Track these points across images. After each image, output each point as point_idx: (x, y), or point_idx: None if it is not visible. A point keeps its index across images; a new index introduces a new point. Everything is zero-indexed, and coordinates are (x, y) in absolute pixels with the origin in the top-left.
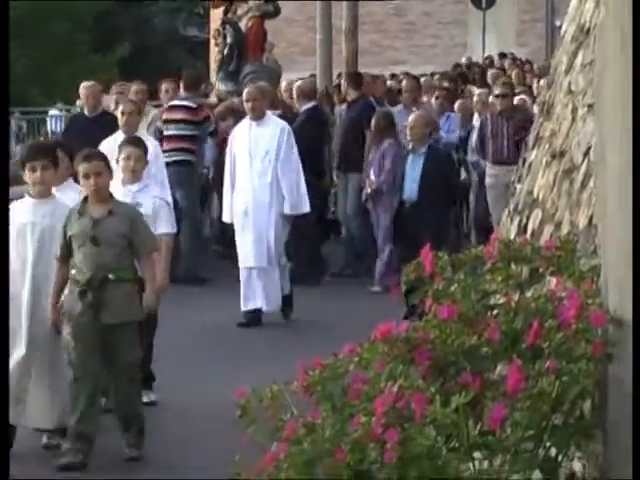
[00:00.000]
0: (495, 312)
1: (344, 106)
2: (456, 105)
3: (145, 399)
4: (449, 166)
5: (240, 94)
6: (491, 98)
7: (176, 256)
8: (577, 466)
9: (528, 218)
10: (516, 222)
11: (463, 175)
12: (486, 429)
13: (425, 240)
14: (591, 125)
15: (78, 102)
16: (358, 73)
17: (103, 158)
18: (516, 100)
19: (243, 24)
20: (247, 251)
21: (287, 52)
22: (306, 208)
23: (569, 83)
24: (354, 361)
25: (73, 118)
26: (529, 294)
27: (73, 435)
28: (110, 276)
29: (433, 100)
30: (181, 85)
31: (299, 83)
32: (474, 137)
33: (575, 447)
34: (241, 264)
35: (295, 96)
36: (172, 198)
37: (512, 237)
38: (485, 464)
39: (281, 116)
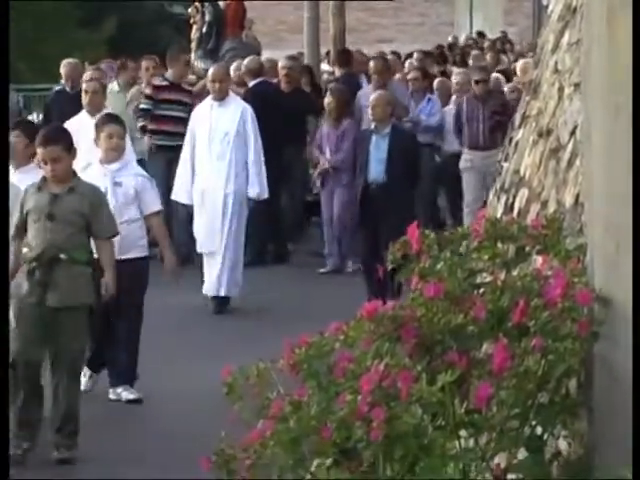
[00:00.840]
0: (481, 290)
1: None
2: (435, 86)
3: (130, 396)
4: (413, 147)
5: None
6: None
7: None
8: (563, 444)
9: (515, 197)
10: (502, 201)
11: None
12: (472, 407)
13: (392, 221)
14: (577, 104)
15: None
16: (346, 50)
17: (61, 141)
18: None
19: (222, 1)
20: (203, 235)
21: (274, 30)
22: (265, 194)
23: (555, 62)
24: (340, 339)
25: (55, 95)
26: (515, 273)
27: (15, 423)
28: (62, 256)
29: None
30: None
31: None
32: (451, 121)
33: (561, 425)
34: (198, 248)
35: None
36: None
37: (499, 216)
38: (471, 442)
39: None
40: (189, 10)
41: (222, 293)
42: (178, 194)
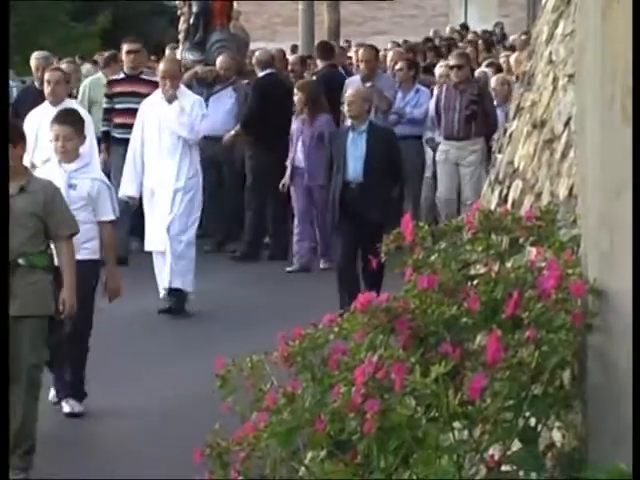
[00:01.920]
0: (475, 282)
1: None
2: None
3: (71, 409)
4: (393, 143)
5: (207, 63)
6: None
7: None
8: (557, 436)
9: (509, 188)
10: (497, 192)
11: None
12: (466, 399)
13: (373, 220)
14: (572, 95)
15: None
16: (327, 43)
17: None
18: (477, 72)
19: None
20: (153, 233)
21: (270, 23)
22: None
23: (550, 53)
24: (334, 331)
25: (24, 90)
26: (509, 264)
27: None
28: (20, 261)
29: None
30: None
31: (257, 53)
32: (430, 110)
33: (555, 417)
34: (147, 247)
35: (254, 65)
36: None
37: (493, 207)
38: (465, 434)
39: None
40: (176, 2)
41: (176, 285)
42: (124, 188)
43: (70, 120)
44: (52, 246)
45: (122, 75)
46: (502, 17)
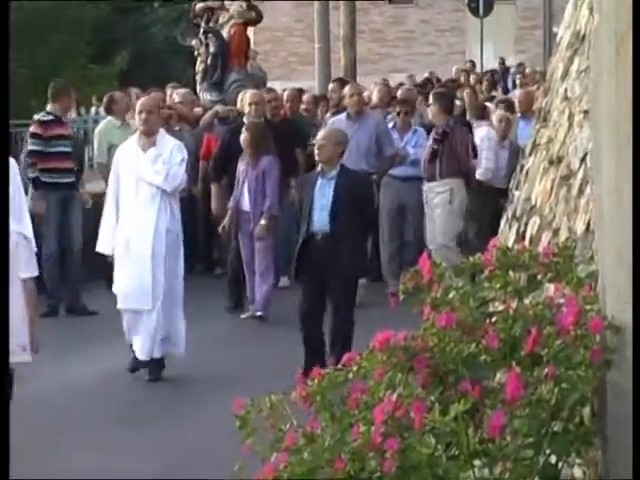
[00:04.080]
0: (494, 319)
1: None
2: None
3: None
4: (365, 190)
5: (225, 103)
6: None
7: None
8: (577, 473)
9: (526, 225)
10: (514, 229)
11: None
12: (486, 437)
13: (339, 274)
14: (588, 131)
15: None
16: (343, 79)
17: None
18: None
19: (225, 32)
20: (126, 290)
21: (286, 61)
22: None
23: (565, 89)
24: (353, 370)
25: None
26: (527, 301)
27: None
28: None
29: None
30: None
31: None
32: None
33: (575, 454)
34: (119, 304)
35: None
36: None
37: (510, 244)
38: (485, 472)
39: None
40: (193, 42)
41: (157, 355)
42: (101, 246)
43: None
44: None
45: (52, 116)
46: (518, 53)
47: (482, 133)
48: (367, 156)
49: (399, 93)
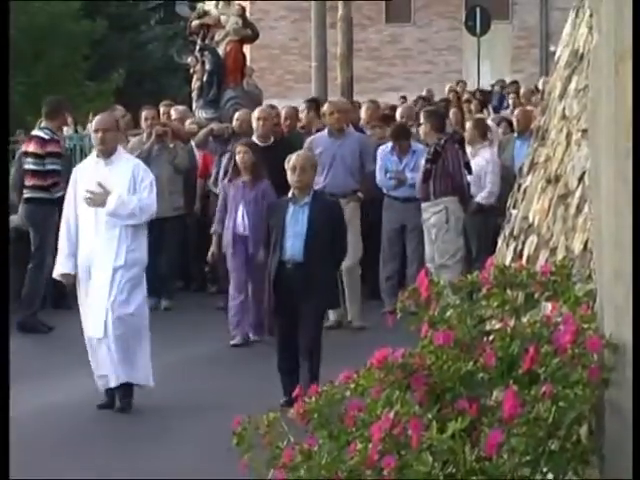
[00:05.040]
0: (491, 338)
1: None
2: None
3: None
4: (338, 218)
5: (221, 121)
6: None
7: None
8: None
9: (524, 243)
10: (512, 247)
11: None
12: (483, 455)
13: (311, 304)
14: (585, 150)
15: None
16: (316, 100)
17: None
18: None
19: (221, 49)
20: (88, 318)
21: (282, 79)
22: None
23: (563, 108)
24: (350, 388)
25: None
26: (525, 319)
27: None
28: None
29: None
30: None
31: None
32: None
33: (572, 472)
34: (86, 333)
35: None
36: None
37: (508, 262)
38: None
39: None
40: (188, 60)
41: (121, 380)
42: (58, 268)
43: None
44: None
45: (50, 135)
46: (515, 72)
47: (487, 155)
48: (352, 172)
49: (398, 113)
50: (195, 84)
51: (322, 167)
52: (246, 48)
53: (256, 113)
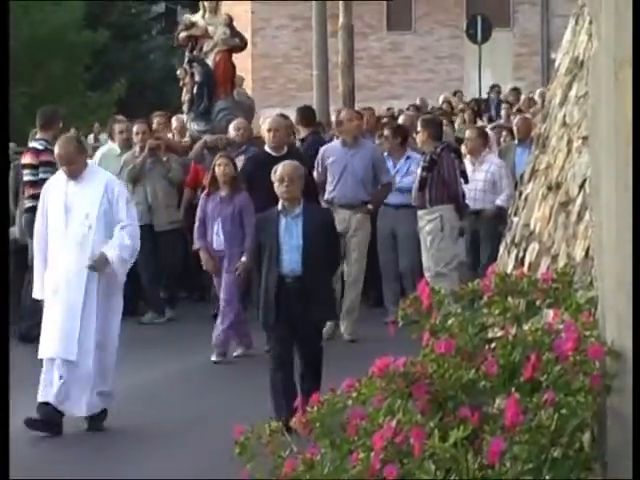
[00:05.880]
0: (493, 345)
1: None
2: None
3: None
4: (331, 227)
5: (213, 132)
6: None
7: None
8: None
9: (525, 251)
10: (513, 255)
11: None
12: (485, 463)
13: (314, 319)
14: (586, 157)
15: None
16: (309, 108)
17: None
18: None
19: (210, 60)
20: (50, 338)
21: (285, 88)
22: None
23: (564, 115)
24: (352, 397)
25: None
26: (526, 327)
27: None
28: None
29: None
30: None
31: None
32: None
33: None
34: (40, 353)
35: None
36: None
37: (509, 270)
38: None
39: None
40: (177, 72)
41: (84, 413)
42: (37, 293)
43: None
44: None
45: (44, 145)
46: (517, 80)
47: (496, 160)
48: (365, 184)
49: (401, 119)
50: (185, 96)
51: (332, 177)
52: (248, 57)
53: (267, 124)
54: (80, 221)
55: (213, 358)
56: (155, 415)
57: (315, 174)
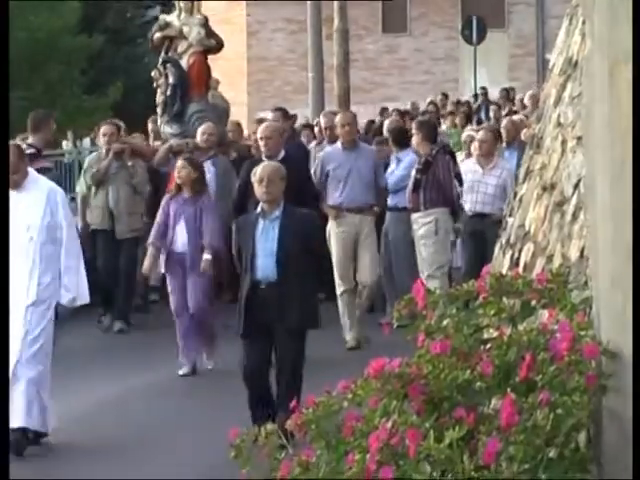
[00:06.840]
0: (488, 346)
1: None
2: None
3: None
4: (313, 231)
5: (186, 136)
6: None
7: None
8: None
9: (520, 251)
10: (508, 255)
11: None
12: (481, 463)
13: (288, 327)
14: (581, 157)
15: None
16: (283, 109)
17: None
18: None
19: (184, 61)
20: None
21: (280, 91)
22: (85, 298)
23: (558, 116)
24: (348, 398)
25: None
26: (521, 327)
27: None
28: None
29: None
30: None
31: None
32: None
33: None
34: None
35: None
36: None
37: (504, 270)
38: None
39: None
40: (152, 74)
41: (27, 424)
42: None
43: None
44: None
45: (33, 149)
46: (512, 81)
47: (508, 167)
48: (369, 186)
49: (387, 123)
50: (159, 99)
51: (337, 181)
52: (243, 60)
53: (259, 132)
54: (22, 233)
55: (181, 372)
56: (127, 427)
57: (315, 180)
